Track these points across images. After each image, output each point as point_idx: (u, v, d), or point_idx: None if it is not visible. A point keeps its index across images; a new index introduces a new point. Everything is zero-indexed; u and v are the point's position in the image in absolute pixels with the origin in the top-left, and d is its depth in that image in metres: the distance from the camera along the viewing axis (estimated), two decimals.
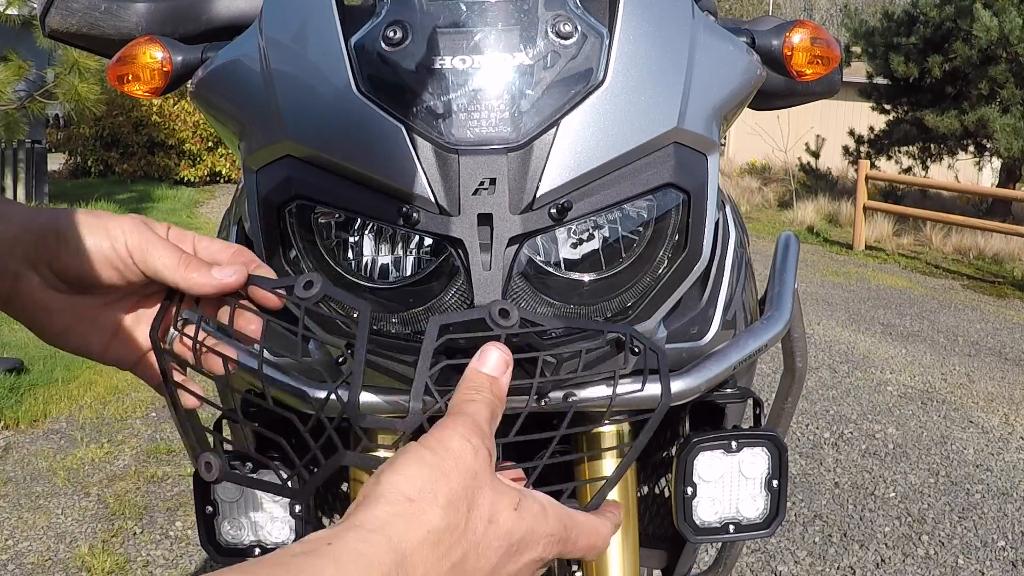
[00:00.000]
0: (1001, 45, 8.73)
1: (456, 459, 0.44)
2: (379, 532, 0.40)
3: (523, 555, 0.46)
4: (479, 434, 0.46)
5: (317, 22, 0.66)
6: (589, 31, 0.65)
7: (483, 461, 0.45)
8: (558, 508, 0.49)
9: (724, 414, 0.84)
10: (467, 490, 0.43)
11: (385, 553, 0.40)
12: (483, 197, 0.61)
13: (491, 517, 0.44)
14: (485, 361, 0.50)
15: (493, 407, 0.48)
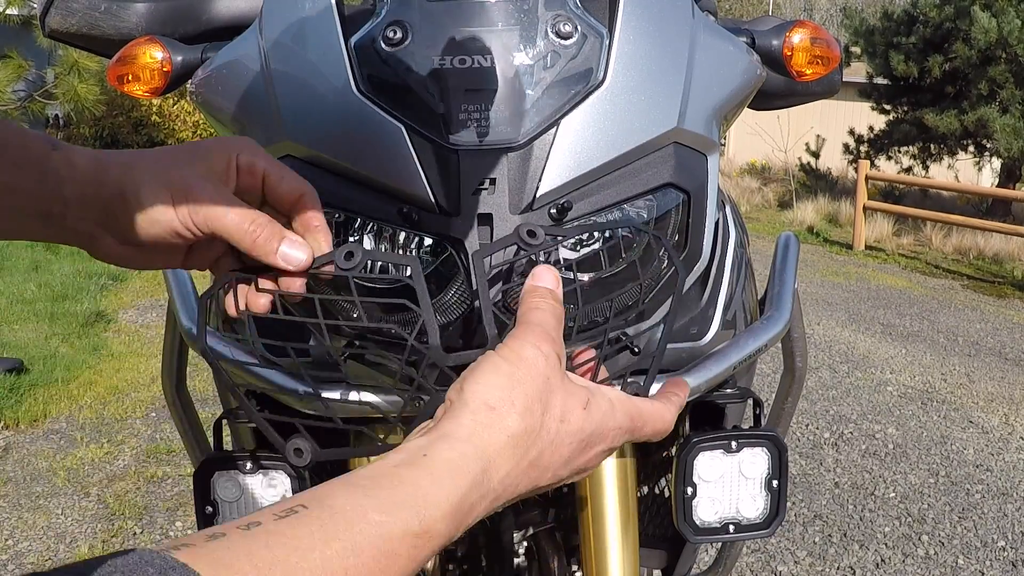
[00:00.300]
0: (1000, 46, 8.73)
1: (529, 367, 0.48)
2: (467, 441, 0.45)
3: (593, 448, 0.51)
4: (548, 340, 0.49)
5: (317, 22, 0.66)
6: (589, 31, 0.65)
7: (553, 366, 0.49)
8: (625, 401, 0.53)
9: (724, 414, 0.84)
10: (540, 394, 0.47)
11: (473, 460, 0.44)
12: (483, 197, 0.61)
13: (563, 417, 0.48)
14: (540, 277, 0.54)
15: (556, 314, 0.52)
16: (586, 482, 0.83)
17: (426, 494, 0.42)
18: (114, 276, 5.65)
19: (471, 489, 0.44)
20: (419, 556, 0.41)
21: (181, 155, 0.56)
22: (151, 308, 5.00)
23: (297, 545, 0.37)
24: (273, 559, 0.35)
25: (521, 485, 0.48)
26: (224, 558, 0.35)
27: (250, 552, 0.35)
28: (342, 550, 0.37)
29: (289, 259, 0.55)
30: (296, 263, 0.55)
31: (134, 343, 4.36)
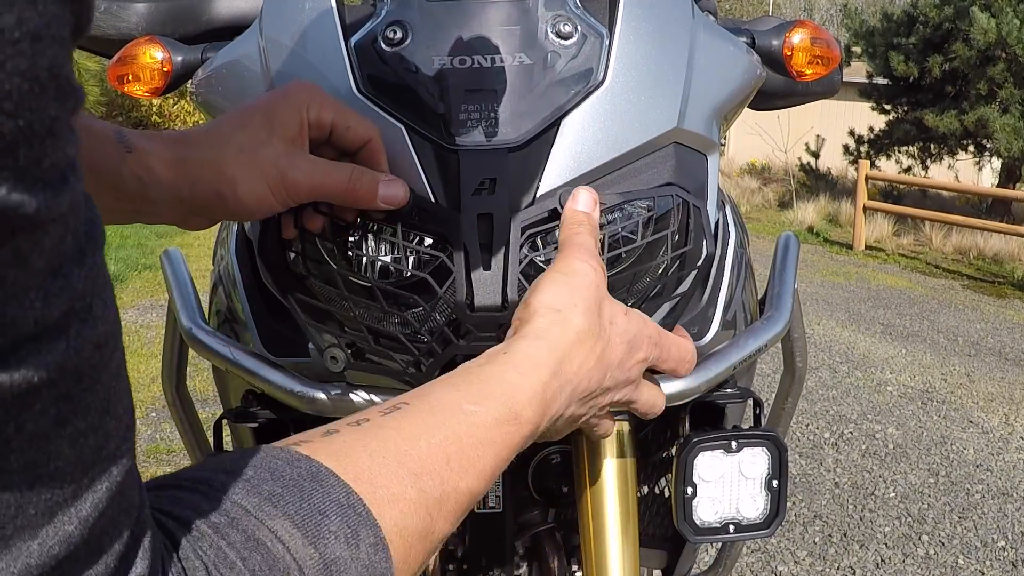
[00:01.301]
0: (999, 46, 8.73)
1: (583, 276, 0.54)
2: (541, 338, 0.50)
3: (635, 353, 0.55)
4: (593, 257, 0.55)
5: (317, 22, 0.66)
6: (589, 31, 0.65)
7: (601, 277, 0.55)
8: (650, 320, 0.58)
9: (724, 414, 0.84)
10: (596, 299, 0.53)
11: (549, 352, 0.50)
12: (483, 197, 0.61)
13: (611, 319, 0.54)
14: (578, 200, 0.58)
15: (594, 235, 0.57)
16: (586, 482, 0.83)
17: (512, 384, 0.47)
18: (114, 276, 5.65)
19: (551, 378, 0.49)
20: (512, 442, 0.45)
21: (260, 133, 0.57)
22: (151, 308, 5.00)
23: (405, 435, 0.41)
24: (384, 448, 0.39)
25: (593, 380, 0.52)
26: (341, 450, 0.39)
27: (364, 443, 0.39)
28: (444, 439, 0.42)
29: (389, 199, 0.59)
30: (397, 200, 0.59)
31: (134, 343, 4.36)
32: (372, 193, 0.58)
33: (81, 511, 0.26)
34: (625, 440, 0.83)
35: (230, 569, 0.32)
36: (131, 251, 6.46)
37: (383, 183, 0.58)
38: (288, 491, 0.35)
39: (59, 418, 0.25)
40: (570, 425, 0.55)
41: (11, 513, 0.24)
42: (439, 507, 0.40)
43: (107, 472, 0.27)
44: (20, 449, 0.24)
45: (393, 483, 0.38)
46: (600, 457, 0.82)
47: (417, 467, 0.40)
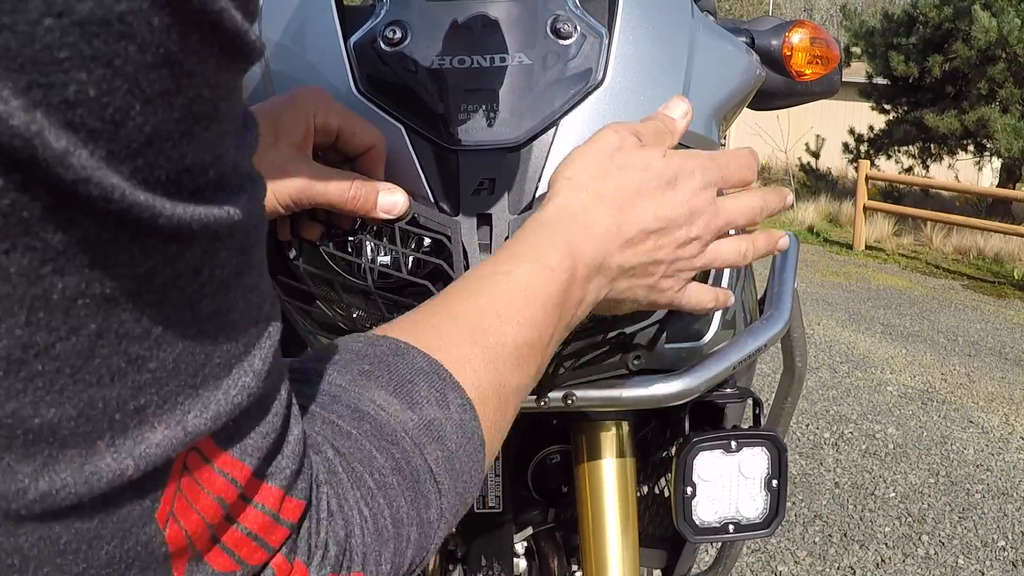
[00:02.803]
0: (1000, 45, 8.73)
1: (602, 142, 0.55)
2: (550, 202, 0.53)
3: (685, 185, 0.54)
4: (629, 129, 0.56)
5: (316, 22, 0.66)
6: (588, 31, 0.65)
7: (629, 141, 0.55)
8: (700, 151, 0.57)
9: (724, 414, 0.84)
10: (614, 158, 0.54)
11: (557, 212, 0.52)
12: (483, 197, 0.61)
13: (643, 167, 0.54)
14: (671, 108, 0.60)
15: (658, 127, 0.58)
16: (586, 482, 0.83)
17: (533, 244, 0.49)
18: None
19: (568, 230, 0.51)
20: (551, 289, 0.47)
21: (266, 137, 0.58)
22: None
23: (454, 305, 0.45)
24: (441, 318, 0.44)
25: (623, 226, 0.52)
26: (406, 327, 0.43)
27: (423, 318, 0.44)
28: (488, 299, 0.45)
29: (388, 208, 0.59)
30: (396, 210, 0.59)
31: None
32: (372, 202, 0.59)
33: (254, 364, 0.28)
34: (625, 440, 0.83)
35: (346, 438, 0.36)
36: None
37: (383, 192, 0.59)
38: (376, 367, 0.39)
39: (238, 269, 0.27)
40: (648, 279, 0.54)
41: (201, 361, 0.26)
42: (502, 359, 0.43)
43: (268, 331, 0.30)
44: (211, 295, 0.26)
45: (461, 345, 0.42)
46: (600, 457, 0.82)
47: (474, 326, 0.43)
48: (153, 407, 0.25)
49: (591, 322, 0.66)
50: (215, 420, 0.27)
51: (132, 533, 0.25)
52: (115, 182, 0.21)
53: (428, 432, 0.38)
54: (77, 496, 0.23)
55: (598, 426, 0.82)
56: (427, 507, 0.37)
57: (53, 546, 0.24)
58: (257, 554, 0.30)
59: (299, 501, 0.31)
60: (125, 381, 0.24)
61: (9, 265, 0.21)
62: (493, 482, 0.91)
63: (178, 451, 0.26)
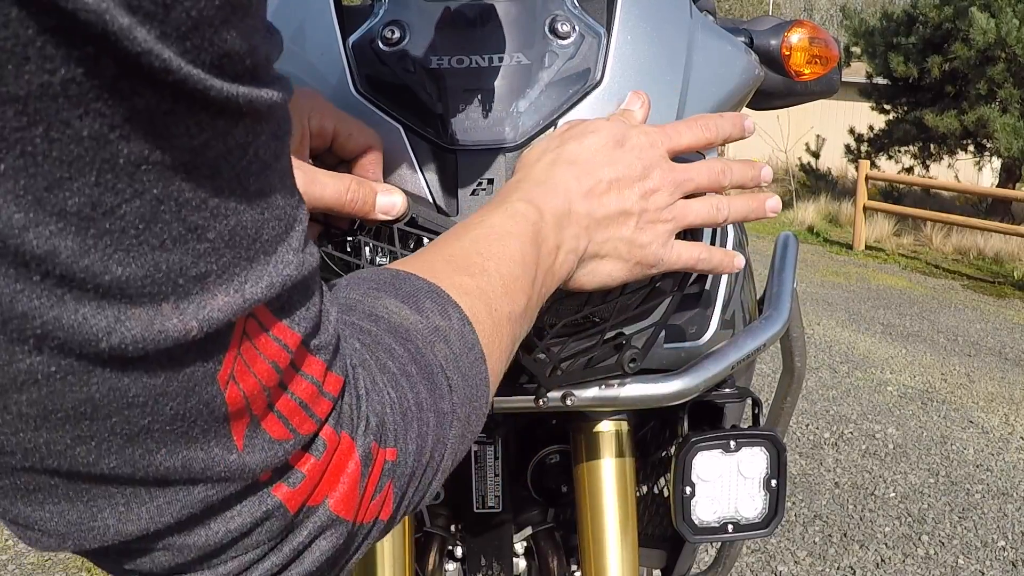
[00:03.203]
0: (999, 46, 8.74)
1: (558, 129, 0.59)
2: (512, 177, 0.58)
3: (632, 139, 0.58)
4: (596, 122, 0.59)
5: (315, 22, 0.66)
6: (587, 31, 0.65)
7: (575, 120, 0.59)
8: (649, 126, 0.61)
9: (723, 414, 0.84)
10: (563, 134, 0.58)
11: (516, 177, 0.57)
12: (481, 197, 0.61)
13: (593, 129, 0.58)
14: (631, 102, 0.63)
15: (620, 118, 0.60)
16: (585, 482, 0.83)
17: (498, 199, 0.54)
18: None
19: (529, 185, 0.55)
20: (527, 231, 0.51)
21: None
22: None
23: (440, 248, 0.49)
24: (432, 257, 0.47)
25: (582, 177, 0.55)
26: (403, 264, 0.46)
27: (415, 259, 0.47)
28: (469, 241, 0.49)
29: (387, 209, 0.60)
30: (395, 211, 0.60)
31: None
32: (370, 204, 0.59)
33: (293, 242, 0.31)
34: (624, 440, 0.83)
35: (367, 334, 0.39)
36: None
37: (381, 193, 0.59)
38: (383, 286, 0.43)
39: (276, 152, 0.29)
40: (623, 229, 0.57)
41: (253, 235, 0.28)
42: (490, 287, 0.46)
43: (301, 215, 0.32)
44: (256, 173, 0.28)
45: (452, 276, 0.45)
46: (599, 457, 0.82)
47: (461, 262, 0.47)
48: (213, 276, 0.27)
49: (590, 322, 0.66)
50: (269, 289, 0.29)
51: (195, 392, 0.28)
52: (170, 56, 0.24)
53: (436, 334, 0.41)
54: (145, 350, 0.26)
55: (597, 426, 0.82)
56: (441, 398, 0.40)
57: (122, 398, 0.26)
58: (307, 424, 0.32)
59: (339, 376, 0.34)
60: (186, 248, 0.26)
61: (82, 129, 0.23)
62: (493, 482, 0.91)
63: (238, 316, 0.28)
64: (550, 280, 0.53)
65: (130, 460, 0.27)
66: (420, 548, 0.93)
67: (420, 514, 0.93)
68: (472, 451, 0.89)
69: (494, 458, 0.90)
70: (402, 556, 0.80)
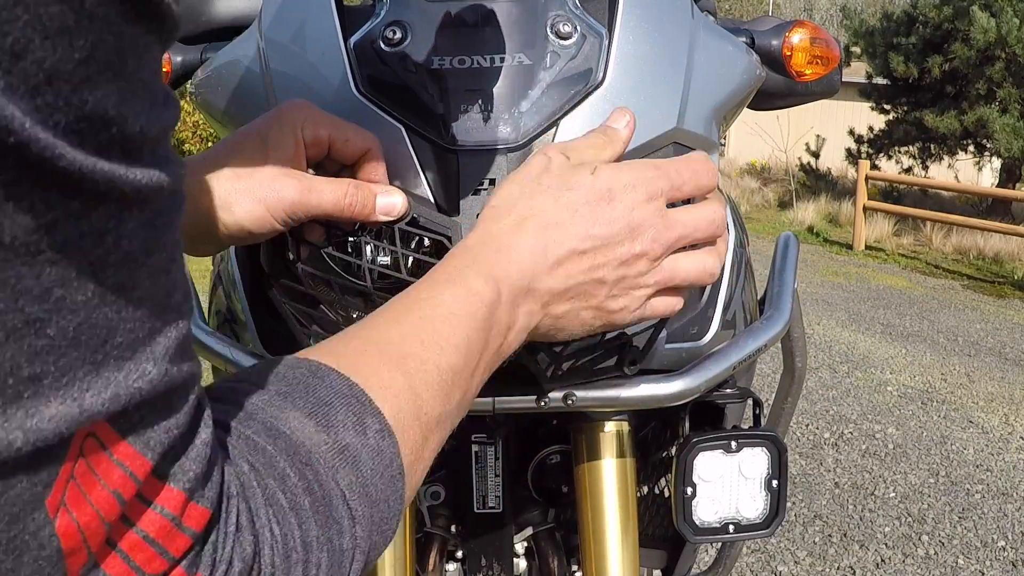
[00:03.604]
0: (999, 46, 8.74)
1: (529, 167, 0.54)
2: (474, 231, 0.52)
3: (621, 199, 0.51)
4: (559, 148, 0.54)
5: (316, 22, 0.66)
6: (588, 31, 0.65)
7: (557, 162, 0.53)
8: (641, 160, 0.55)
9: (724, 414, 0.84)
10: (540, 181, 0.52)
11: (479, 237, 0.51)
12: (483, 198, 0.61)
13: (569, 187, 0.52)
14: (613, 116, 0.58)
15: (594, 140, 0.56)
16: (586, 482, 0.83)
17: (455, 268, 0.49)
18: None
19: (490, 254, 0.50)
20: (478, 313, 0.47)
21: (254, 156, 0.58)
22: None
23: (379, 329, 0.44)
24: (366, 342, 0.43)
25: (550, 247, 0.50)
26: (331, 349, 0.42)
27: (347, 342, 0.43)
28: (412, 324, 0.45)
29: (387, 210, 0.59)
30: (395, 211, 0.60)
31: None
32: (369, 206, 0.59)
33: (156, 352, 0.27)
34: (625, 440, 0.83)
35: (261, 454, 0.35)
36: None
37: (380, 194, 0.59)
38: (294, 388, 0.38)
39: (146, 246, 0.26)
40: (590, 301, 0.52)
41: (102, 336, 0.25)
42: (425, 386, 0.42)
43: (175, 323, 0.28)
44: (115, 266, 0.25)
45: (382, 371, 0.41)
46: (600, 457, 0.82)
47: (397, 352, 0.42)
48: (50, 378, 0.23)
49: None
50: (114, 402, 0.25)
51: (19, 519, 0.23)
52: (15, 113, 0.20)
53: (342, 456, 0.37)
54: None
55: (598, 426, 0.82)
56: (339, 534, 0.36)
57: None
58: (155, 562, 0.28)
59: (204, 509, 0.30)
60: (21, 343, 0.23)
61: None
62: (493, 482, 0.91)
63: (73, 429, 0.24)
64: (494, 362, 0.49)
65: None
66: (420, 548, 0.93)
67: (421, 514, 0.93)
68: (473, 451, 0.89)
69: (495, 458, 0.90)
70: (403, 556, 0.80)
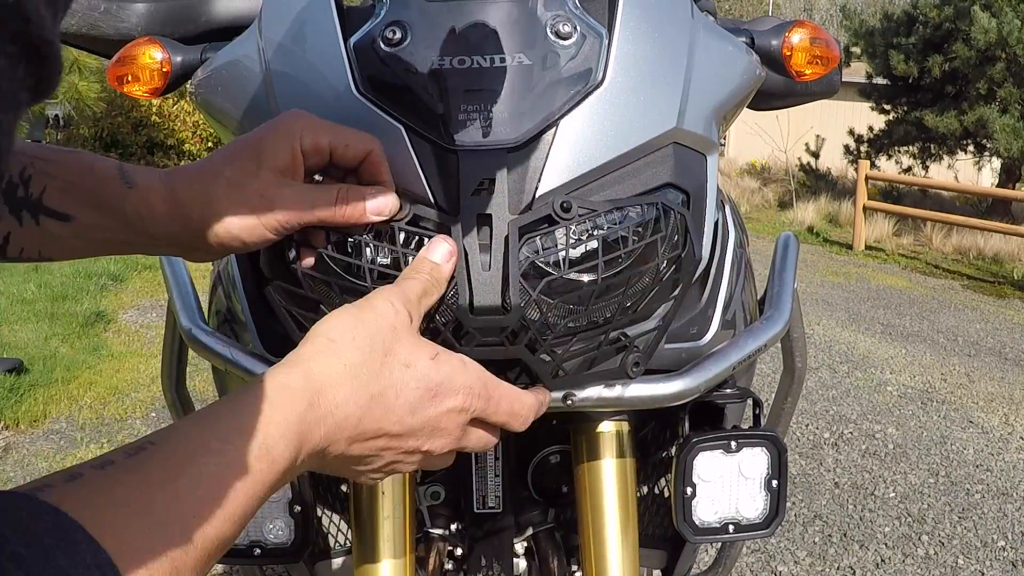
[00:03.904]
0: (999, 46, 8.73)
1: (376, 314, 0.51)
2: (303, 365, 0.47)
3: (444, 401, 0.52)
4: (403, 300, 0.53)
5: (316, 23, 0.66)
6: (588, 31, 0.65)
7: (403, 321, 0.52)
8: (478, 367, 0.55)
9: (724, 414, 0.84)
10: (384, 337, 0.50)
11: (305, 381, 0.47)
12: (482, 198, 0.61)
13: (407, 362, 0.51)
14: (432, 250, 0.58)
15: (427, 286, 0.56)
16: (586, 482, 0.83)
17: (264, 417, 0.44)
18: (114, 276, 5.65)
19: (307, 410, 0.46)
20: (265, 480, 0.43)
21: (249, 165, 0.58)
22: (151, 308, 5.00)
23: (149, 482, 0.38)
24: (128, 497, 0.37)
25: (365, 420, 0.49)
26: (86, 498, 0.36)
27: (108, 491, 0.37)
28: (189, 483, 0.39)
29: (379, 211, 0.59)
30: (387, 211, 0.59)
31: (134, 343, 4.36)
32: (361, 209, 0.59)
33: None
34: (625, 440, 0.83)
35: None
36: None
37: (370, 196, 0.59)
38: (32, 551, 0.32)
39: None
40: (357, 466, 0.52)
41: None
42: (185, 558, 0.38)
43: None
44: None
45: (138, 537, 0.36)
46: (600, 457, 0.82)
47: (162, 517, 0.37)
48: None
49: (591, 325, 0.66)
50: None
51: None
52: None
53: None
54: None
55: (598, 426, 0.82)
56: None
57: None
58: None
59: None
60: None
61: None
62: (493, 483, 0.91)
63: None
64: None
65: None
66: (421, 549, 0.93)
67: (421, 515, 0.93)
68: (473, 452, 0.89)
69: (494, 459, 0.90)
70: (403, 556, 0.80)
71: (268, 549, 0.83)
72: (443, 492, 0.93)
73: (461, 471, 0.91)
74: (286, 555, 0.83)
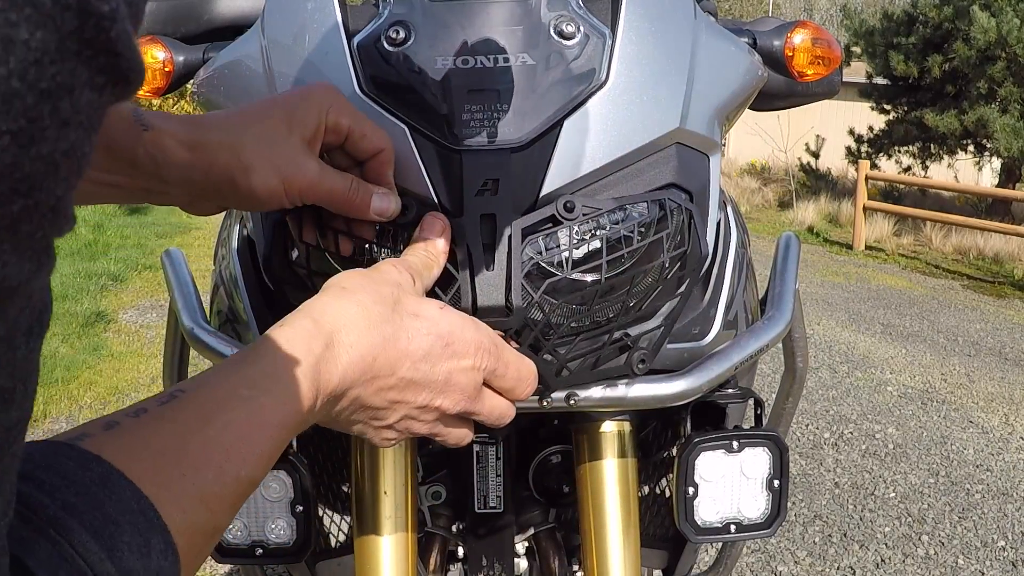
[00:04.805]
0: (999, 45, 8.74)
1: (383, 273, 0.54)
2: (320, 311, 0.49)
3: (458, 357, 0.53)
4: (407, 267, 0.56)
5: (319, 22, 0.66)
6: (591, 32, 0.65)
7: (407, 280, 0.55)
8: (487, 327, 0.57)
9: (725, 414, 0.84)
10: (392, 292, 0.53)
11: (320, 324, 0.48)
12: (486, 198, 0.61)
13: (416, 312, 0.53)
14: (425, 228, 0.60)
15: (426, 259, 0.58)
16: (587, 482, 0.83)
17: (286, 363, 0.46)
18: (114, 276, 5.64)
19: (324, 350, 0.47)
20: (289, 423, 0.44)
21: (280, 127, 0.58)
22: (151, 308, 5.00)
23: (182, 428, 0.40)
24: (164, 444, 0.39)
25: (379, 360, 0.50)
26: (125, 446, 0.37)
27: (145, 439, 0.39)
28: (220, 428, 0.41)
29: (381, 211, 0.60)
30: (388, 213, 0.60)
31: (134, 343, 4.36)
32: (366, 203, 0.60)
33: None
34: (626, 440, 0.83)
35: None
36: (131, 251, 6.46)
37: (376, 196, 0.60)
38: (83, 500, 0.34)
39: None
40: (372, 420, 0.53)
41: None
42: (219, 501, 0.39)
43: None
44: None
45: (175, 481, 0.38)
46: (601, 457, 0.82)
47: (196, 461, 0.39)
48: None
49: (594, 325, 0.66)
50: None
51: None
52: None
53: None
54: None
55: (599, 426, 0.82)
56: None
57: None
58: None
59: None
60: None
61: None
62: (494, 482, 0.91)
63: None
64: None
65: None
66: (422, 548, 0.93)
67: (422, 514, 0.93)
68: (474, 451, 0.89)
69: (496, 458, 0.90)
70: (404, 556, 0.80)
71: (270, 549, 0.83)
72: (444, 492, 0.93)
73: (462, 471, 0.91)
74: (288, 555, 0.84)
